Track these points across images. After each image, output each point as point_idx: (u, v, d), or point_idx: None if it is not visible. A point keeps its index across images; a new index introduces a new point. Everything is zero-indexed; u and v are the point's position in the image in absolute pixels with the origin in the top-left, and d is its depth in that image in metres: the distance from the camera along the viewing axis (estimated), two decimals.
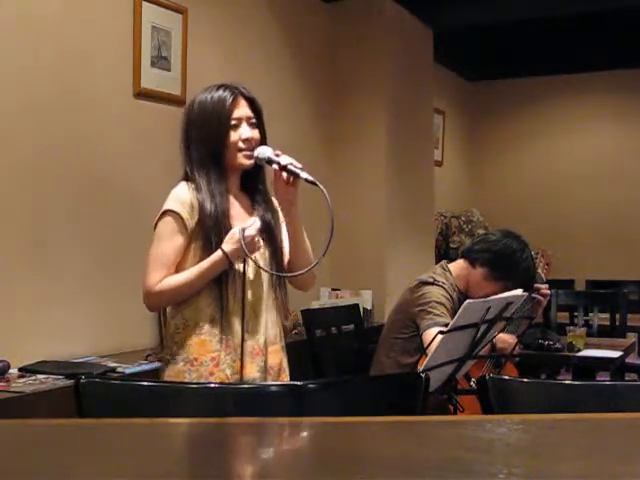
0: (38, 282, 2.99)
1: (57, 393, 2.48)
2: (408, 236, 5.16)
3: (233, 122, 2.09)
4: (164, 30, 3.56)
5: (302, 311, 3.43)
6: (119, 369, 2.84)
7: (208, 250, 2.04)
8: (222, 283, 2.06)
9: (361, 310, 3.76)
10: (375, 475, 0.84)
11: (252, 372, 2.10)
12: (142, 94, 3.46)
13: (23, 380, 2.60)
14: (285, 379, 2.20)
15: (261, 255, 2.11)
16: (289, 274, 2.17)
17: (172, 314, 2.12)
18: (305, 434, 1.06)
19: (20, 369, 2.71)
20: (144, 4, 3.43)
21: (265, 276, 2.14)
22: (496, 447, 0.96)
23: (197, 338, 2.07)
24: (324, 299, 4.55)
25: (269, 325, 2.15)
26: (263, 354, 2.12)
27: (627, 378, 4.76)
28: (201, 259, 2.05)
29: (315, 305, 4.20)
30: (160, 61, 3.55)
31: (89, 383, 1.25)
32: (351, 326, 3.57)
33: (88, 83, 3.22)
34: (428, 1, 5.14)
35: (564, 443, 1.01)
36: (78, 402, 1.23)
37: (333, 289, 4.69)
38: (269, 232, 2.14)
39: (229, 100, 2.09)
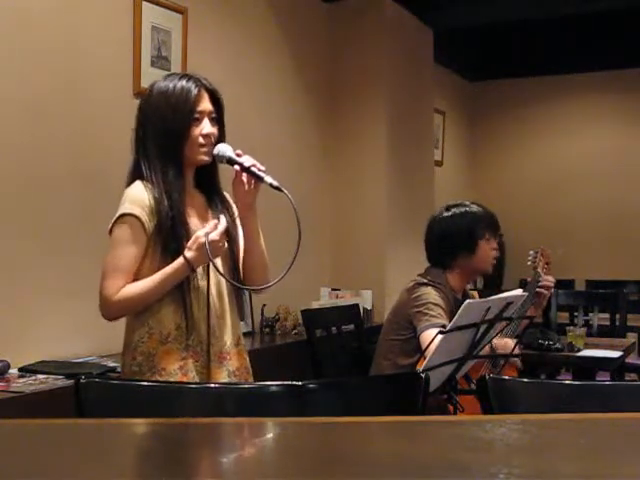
0: (38, 282, 2.99)
1: (57, 393, 2.48)
2: (408, 236, 5.16)
3: (196, 116, 1.99)
4: (164, 30, 3.56)
5: (302, 311, 3.43)
6: (119, 369, 2.83)
7: (165, 254, 1.95)
8: (184, 289, 1.97)
9: (361, 310, 3.76)
10: (375, 475, 0.84)
11: (221, 377, 2.03)
12: (142, 94, 3.45)
13: (23, 380, 2.59)
14: (250, 380, 2.13)
15: (221, 258, 2.03)
16: (252, 287, 2.10)
17: (135, 323, 2.02)
18: (305, 434, 1.06)
19: (20, 369, 2.71)
20: (144, 4, 3.43)
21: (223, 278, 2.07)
22: (496, 447, 0.96)
23: (163, 347, 1.97)
24: (324, 299, 4.55)
25: (232, 327, 2.09)
26: (229, 358, 2.06)
27: (627, 378, 4.76)
28: (159, 263, 1.95)
29: (315, 305, 4.20)
30: (160, 61, 3.55)
31: (89, 383, 1.25)
32: (351, 326, 3.57)
33: (88, 83, 3.22)
34: (428, 1, 5.14)
35: (564, 443, 1.01)
36: (78, 402, 1.23)
37: (333, 289, 4.69)
38: (226, 233, 2.02)
39: (193, 92, 1.99)
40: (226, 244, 1.99)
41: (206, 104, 2.01)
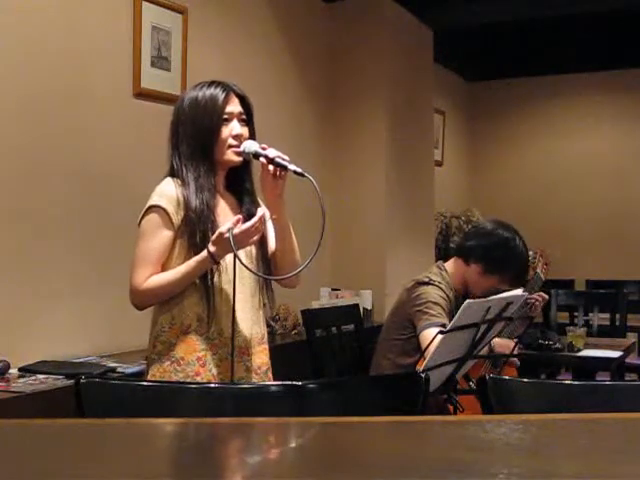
0: (38, 282, 2.99)
1: (57, 393, 2.48)
2: (408, 236, 5.16)
3: (225, 116, 2.08)
4: (164, 30, 3.56)
5: (302, 311, 3.42)
6: (119, 369, 2.84)
7: (193, 246, 2.02)
8: (208, 281, 2.03)
9: (361, 310, 3.76)
10: (375, 475, 0.84)
11: (239, 371, 2.08)
12: (142, 94, 3.46)
13: (23, 380, 2.60)
14: (270, 378, 2.18)
15: (247, 254, 2.09)
16: (277, 277, 2.14)
17: (158, 313, 2.09)
18: (305, 434, 1.06)
19: (20, 369, 2.71)
20: (144, 4, 3.43)
21: (251, 274, 2.12)
22: (496, 447, 0.96)
23: (183, 337, 2.04)
24: (324, 299, 4.55)
25: (255, 323, 2.14)
26: (249, 353, 2.11)
27: (627, 378, 4.76)
28: (186, 256, 2.03)
29: (315, 305, 4.20)
30: (160, 61, 3.55)
31: (89, 383, 1.25)
32: (351, 326, 3.56)
33: (88, 83, 3.22)
34: (428, 1, 5.14)
35: (564, 443, 1.01)
36: (78, 402, 1.23)
37: (333, 289, 4.69)
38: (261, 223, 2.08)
39: (221, 96, 2.08)
40: (262, 229, 2.01)
41: (235, 106, 2.11)
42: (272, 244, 2.18)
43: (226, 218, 2.08)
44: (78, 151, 3.17)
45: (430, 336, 2.54)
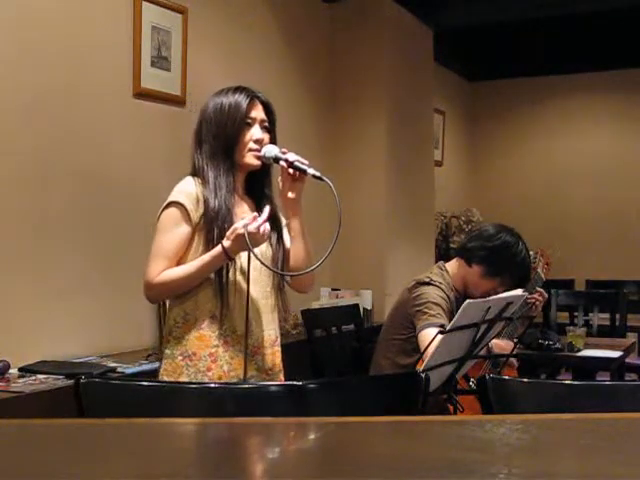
0: (38, 282, 2.99)
1: (57, 393, 2.48)
2: (408, 236, 5.16)
3: (248, 121, 2.12)
4: (164, 30, 3.56)
5: (302, 311, 3.43)
6: (119, 369, 2.84)
7: (210, 244, 2.04)
8: (223, 278, 2.06)
9: (361, 310, 3.76)
10: (375, 475, 0.84)
11: (250, 370, 2.10)
12: (142, 94, 3.46)
13: (23, 380, 2.60)
14: (282, 379, 2.20)
15: (262, 255, 2.11)
16: (291, 273, 2.16)
17: (172, 308, 2.12)
18: (305, 434, 1.06)
19: (20, 369, 2.71)
20: (144, 4, 3.43)
21: (266, 275, 2.14)
22: (496, 447, 0.96)
23: (196, 333, 2.07)
24: (324, 299, 4.55)
25: (269, 325, 2.16)
26: (261, 353, 2.13)
27: (627, 378, 4.76)
28: (203, 253, 2.05)
29: (315, 305, 4.20)
30: (160, 61, 3.55)
31: (89, 383, 1.25)
32: (351, 326, 3.57)
33: (88, 83, 3.22)
34: (428, 1, 5.14)
35: (564, 443, 1.01)
36: (78, 402, 1.23)
37: (333, 289, 4.69)
38: (273, 233, 2.14)
39: (245, 101, 2.12)
40: (268, 227, 2.02)
41: (258, 112, 2.16)
42: (287, 246, 2.20)
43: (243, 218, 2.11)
44: (78, 151, 3.17)
45: (429, 336, 2.54)
